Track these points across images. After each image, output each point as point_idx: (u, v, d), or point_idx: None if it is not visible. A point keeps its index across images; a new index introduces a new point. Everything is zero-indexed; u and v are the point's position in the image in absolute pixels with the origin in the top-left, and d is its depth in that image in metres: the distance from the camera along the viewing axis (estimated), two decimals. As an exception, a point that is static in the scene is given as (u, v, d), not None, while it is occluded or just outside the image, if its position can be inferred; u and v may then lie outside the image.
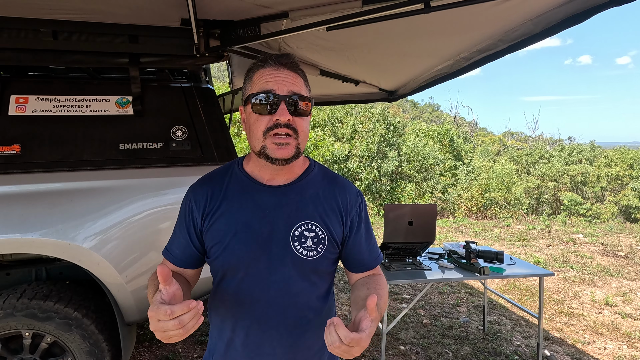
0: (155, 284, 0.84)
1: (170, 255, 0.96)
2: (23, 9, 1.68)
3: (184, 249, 0.94)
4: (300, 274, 0.89)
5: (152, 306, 0.68)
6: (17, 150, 1.81)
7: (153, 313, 0.67)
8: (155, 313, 0.67)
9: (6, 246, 1.73)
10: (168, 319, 0.66)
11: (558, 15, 1.84)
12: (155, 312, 0.67)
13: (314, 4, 1.74)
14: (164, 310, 0.66)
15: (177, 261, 0.95)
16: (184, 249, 0.94)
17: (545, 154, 17.64)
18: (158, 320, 0.67)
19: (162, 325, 0.66)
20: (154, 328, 0.68)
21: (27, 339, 1.83)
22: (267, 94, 0.84)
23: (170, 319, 0.66)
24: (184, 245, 0.94)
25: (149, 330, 3.09)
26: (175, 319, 0.66)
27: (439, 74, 2.94)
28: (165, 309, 0.66)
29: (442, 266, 2.71)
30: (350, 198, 0.96)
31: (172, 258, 0.96)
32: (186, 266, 0.96)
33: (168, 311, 0.65)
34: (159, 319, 0.66)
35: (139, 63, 1.92)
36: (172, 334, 0.67)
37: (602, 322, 3.62)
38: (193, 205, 0.93)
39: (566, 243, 6.71)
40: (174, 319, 0.66)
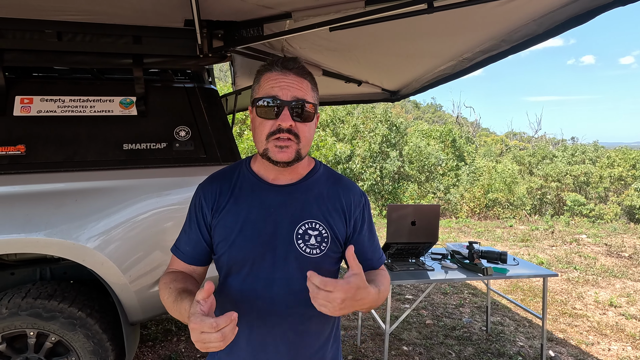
0: (173, 288, 0.87)
1: (181, 252, 0.97)
2: (28, 11, 1.69)
3: (195, 246, 0.96)
4: (303, 272, 0.90)
5: (195, 318, 0.69)
6: (22, 150, 1.82)
7: (197, 325, 0.68)
8: (199, 325, 0.68)
9: (11, 246, 1.74)
10: (213, 331, 0.68)
11: (562, 16, 1.83)
12: (200, 325, 0.68)
13: (317, 5, 1.74)
14: (210, 324, 0.67)
15: (187, 258, 0.96)
16: (195, 245, 0.96)
17: (548, 154, 17.57)
18: (201, 332, 0.68)
19: (205, 337, 0.68)
20: (196, 339, 0.69)
21: (32, 338, 1.83)
22: (271, 99, 0.86)
23: (214, 332, 0.68)
24: (196, 241, 0.95)
25: (152, 329, 3.10)
26: (218, 331, 0.68)
27: (441, 75, 2.93)
28: (211, 322, 0.67)
29: (445, 267, 2.70)
30: (354, 199, 0.98)
31: (182, 256, 0.97)
32: (197, 263, 0.97)
33: (214, 324, 0.67)
34: (202, 331, 0.68)
35: (142, 64, 1.93)
36: (213, 345, 0.69)
37: (606, 323, 3.61)
38: (203, 202, 0.95)
39: (569, 244, 6.68)
40: (217, 332, 0.68)
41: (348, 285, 0.73)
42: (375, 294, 0.82)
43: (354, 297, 0.74)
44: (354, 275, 0.75)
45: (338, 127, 13.28)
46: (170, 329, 3.13)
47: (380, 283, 0.90)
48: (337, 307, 0.73)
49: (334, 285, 0.72)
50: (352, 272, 0.75)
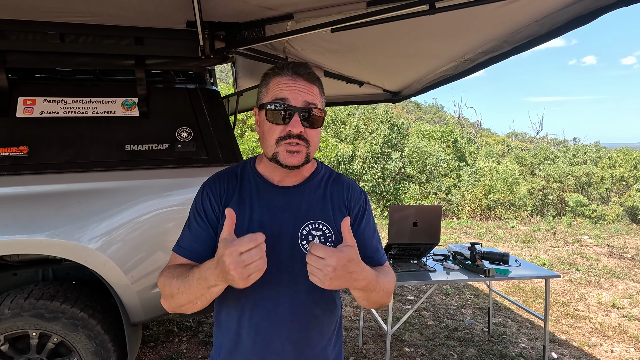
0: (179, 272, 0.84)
1: (185, 250, 0.93)
2: (30, 12, 1.70)
3: (204, 242, 0.92)
4: (307, 273, 0.90)
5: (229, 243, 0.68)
6: (24, 151, 1.82)
7: (234, 247, 0.67)
8: (237, 246, 0.67)
9: (13, 247, 1.74)
10: (254, 245, 0.67)
11: (564, 17, 1.83)
12: (238, 244, 0.67)
13: (318, 6, 1.74)
14: (249, 238, 0.67)
15: (193, 255, 0.92)
16: (203, 241, 0.92)
17: (549, 155, 17.53)
18: (240, 253, 0.67)
19: (246, 257, 0.67)
20: (235, 264, 0.67)
21: (34, 339, 1.84)
22: (282, 104, 0.85)
23: (255, 245, 0.67)
24: (204, 237, 0.92)
25: (154, 330, 3.10)
26: (258, 246, 0.67)
27: (443, 75, 2.93)
28: (250, 236, 0.67)
29: (447, 267, 2.70)
30: (354, 195, 0.99)
31: (187, 253, 0.92)
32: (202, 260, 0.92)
33: (253, 237, 0.67)
34: (240, 251, 0.67)
35: (144, 65, 1.93)
36: (255, 265, 0.68)
37: (609, 324, 3.59)
38: (211, 197, 0.93)
39: (572, 245, 6.66)
40: (257, 246, 0.67)
41: (340, 254, 0.73)
42: (372, 274, 0.83)
43: (345, 267, 0.74)
44: (347, 247, 0.76)
45: (339, 128, 13.28)
46: (172, 330, 3.13)
47: (382, 272, 0.90)
48: (328, 275, 0.72)
49: (325, 251, 0.72)
50: (345, 243, 0.76)
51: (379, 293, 0.87)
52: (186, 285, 0.80)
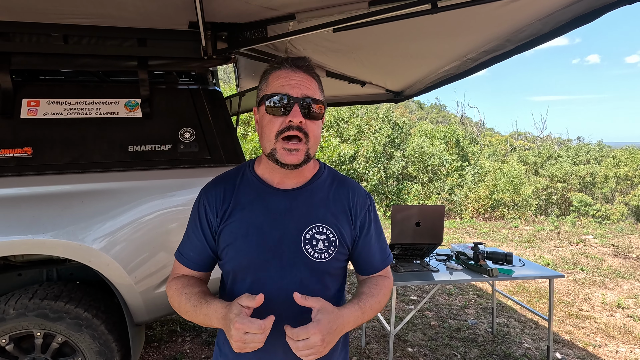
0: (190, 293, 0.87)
1: (184, 258, 0.96)
2: (34, 14, 1.71)
3: (200, 252, 0.94)
4: (312, 277, 0.90)
5: (241, 319, 0.73)
6: (28, 152, 1.84)
7: (244, 326, 0.72)
8: (246, 326, 0.72)
9: (18, 247, 1.75)
10: (259, 332, 0.72)
11: (567, 15, 1.82)
12: (247, 326, 0.72)
13: (320, 6, 1.74)
14: (259, 325, 0.72)
15: (191, 264, 0.95)
16: (199, 251, 0.94)
17: (553, 154, 17.44)
18: (245, 332, 0.72)
19: (249, 338, 0.72)
20: (238, 339, 0.72)
21: (39, 339, 1.85)
22: (282, 95, 0.85)
23: (260, 333, 0.72)
24: (200, 248, 0.94)
25: (157, 330, 3.11)
26: (264, 332, 0.72)
27: (445, 75, 2.92)
28: (260, 324, 0.72)
29: (450, 267, 2.69)
30: (360, 200, 0.97)
31: (186, 261, 0.96)
32: (200, 269, 0.96)
33: (262, 325, 0.72)
34: (246, 332, 0.72)
35: (147, 66, 1.94)
36: (253, 345, 0.73)
37: (614, 324, 3.57)
38: (207, 207, 0.93)
39: (576, 244, 6.62)
40: (263, 333, 0.72)
41: (320, 325, 0.75)
42: (355, 313, 0.84)
43: (330, 331, 0.76)
44: (319, 311, 0.78)
45: (342, 128, 13.27)
46: (175, 330, 3.14)
47: (369, 296, 0.90)
48: (322, 347, 0.75)
49: (306, 331, 0.74)
50: (315, 309, 0.78)
51: (369, 316, 0.89)
52: (193, 312, 0.86)
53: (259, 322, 0.72)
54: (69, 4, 1.62)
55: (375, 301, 0.90)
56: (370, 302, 0.89)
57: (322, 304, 0.79)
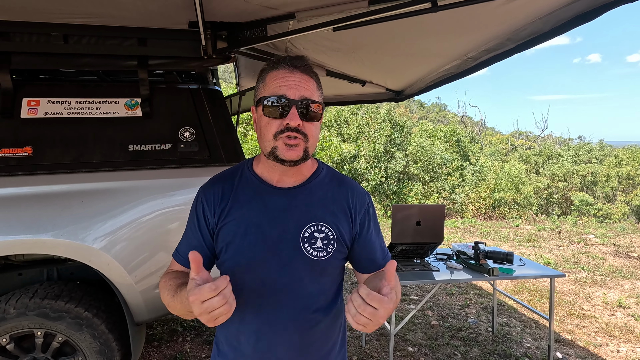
0: (172, 284, 0.85)
1: (181, 257, 0.96)
2: (34, 14, 1.71)
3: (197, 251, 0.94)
4: (310, 276, 0.89)
5: (192, 291, 0.67)
6: (29, 152, 1.84)
7: (196, 296, 0.66)
8: (198, 295, 0.66)
9: (18, 247, 1.75)
10: (214, 294, 0.66)
11: (568, 14, 1.81)
12: (199, 294, 0.66)
13: (320, 5, 1.74)
14: (209, 287, 0.66)
15: (187, 263, 0.94)
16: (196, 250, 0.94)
17: (554, 154, 17.40)
18: (202, 301, 0.66)
19: (208, 305, 0.66)
20: (199, 311, 0.67)
21: (39, 338, 1.85)
22: (279, 97, 0.84)
23: (216, 294, 0.66)
24: (197, 246, 0.93)
25: (158, 330, 3.12)
26: (220, 293, 0.66)
27: (446, 74, 2.92)
28: (210, 285, 0.66)
29: (451, 267, 2.69)
30: (359, 198, 0.96)
31: (182, 260, 0.95)
32: None
33: (212, 286, 0.66)
34: (203, 300, 0.66)
35: (147, 65, 1.94)
36: (218, 312, 0.67)
37: (615, 324, 3.56)
38: (205, 205, 0.93)
39: (577, 244, 6.61)
40: (219, 294, 0.66)
41: (389, 305, 0.68)
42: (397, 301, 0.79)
43: (388, 314, 0.70)
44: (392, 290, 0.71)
45: (342, 127, 13.27)
46: (176, 329, 3.15)
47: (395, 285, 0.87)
48: (375, 324, 0.69)
49: (380, 302, 0.67)
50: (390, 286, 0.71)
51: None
52: (172, 302, 0.83)
53: (209, 283, 0.66)
54: (69, 3, 1.62)
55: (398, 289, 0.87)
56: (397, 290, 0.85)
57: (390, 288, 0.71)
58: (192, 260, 0.70)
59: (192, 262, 0.70)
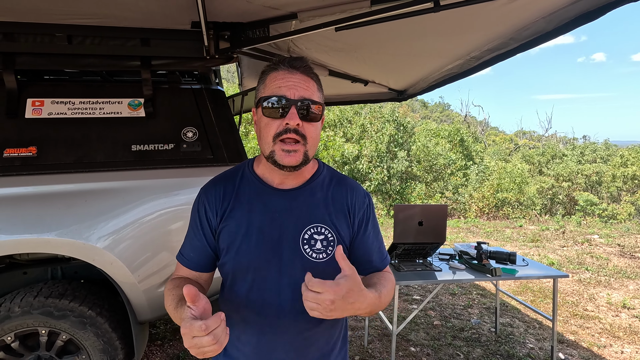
0: (175, 294, 0.85)
1: (185, 259, 0.96)
2: (39, 15, 1.72)
3: (200, 252, 0.94)
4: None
5: (184, 323, 0.67)
6: (33, 152, 1.85)
7: (187, 330, 0.66)
8: (189, 330, 0.66)
9: (23, 246, 1.77)
10: (203, 334, 0.66)
11: (572, 13, 1.80)
12: (189, 329, 0.66)
13: (322, 5, 1.74)
14: (199, 326, 0.65)
15: (192, 265, 0.95)
16: (199, 251, 0.94)
17: (558, 153, 17.29)
18: (192, 337, 0.66)
19: (197, 342, 0.66)
20: (189, 345, 0.67)
21: (44, 337, 1.87)
22: (279, 98, 0.84)
23: (205, 335, 0.66)
24: (200, 247, 0.94)
25: (160, 329, 3.13)
26: (209, 334, 0.66)
27: (449, 74, 2.91)
28: (200, 325, 0.65)
29: (453, 267, 2.68)
30: (358, 199, 0.96)
31: (186, 262, 0.96)
32: (201, 269, 0.96)
33: (203, 326, 0.65)
34: (193, 336, 0.66)
35: (150, 65, 1.95)
36: (207, 349, 0.67)
37: (619, 325, 3.54)
38: (206, 206, 0.93)
39: (581, 244, 6.57)
40: (208, 335, 0.66)
41: (337, 287, 0.71)
42: (374, 297, 0.81)
43: (345, 299, 0.72)
44: (345, 277, 0.74)
45: (345, 127, 13.26)
46: (179, 329, 3.16)
47: (382, 286, 0.88)
48: (327, 309, 0.71)
49: (322, 285, 0.70)
50: (343, 273, 0.74)
51: (382, 307, 0.86)
52: (174, 314, 0.83)
53: (199, 323, 0.65)
54: (72, 4, 1.63)
55: (387, 293, 0.88)
56: (384, 292, 0.87)
57: (352, 274, 0.75)
58: (186, 294, 0.69)
59: (187, 295, 0.69)
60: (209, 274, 0.98)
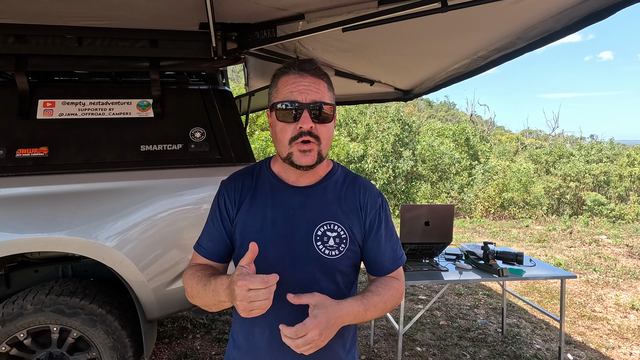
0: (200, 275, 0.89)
1: (203, 249, 0.99)
2: (50, 17, 1.75)
3: (218, 242, 0.98)
4: (323, 273, 0.91)
5: (241, 277, 0.71)
6: (44, 152, 1.88)
7: (245, 282, 0.70)
8: (248, 282, 0.70)
9: (35, 244, 1.80)
10: (263, 287, 0.70)
11: (580, 12, 1.79)
12: (249, 281, 0.70)
13: (329, 6, 1.75)
14: (261, 279, 0.70)
15: (209, 254, 0.98)
16: (217, 241, 0.98)
17: (565, 153, 17.10)
18: (248, 289, 0.70)
19: (253, 294, 0.70)
20: (242, 297, 0.71)
21: (55, 334, 1.90)
22: (290, 102, 0.87)
23: (264, 287, 0.70)
24: (218, 237, 0.97)
25: (168, 327, 3.16)
26: (267, 288, 0.71)
27: (455, 73, 2.90)
28: (262, 277, 0.70)
29: (460, 267, 2.67)
30: (371, 199, 0.98)
31: (204, 252, 0.99)
32: (218, 259, 0.99)
33: (265, 279, 0.70)
34: (250, 288, 0.70)
35: (159, 66, 1.97)
36: (258, 304, 0.71)
37: (628, 326, 3.50)
38: (226, 198, 0.97)
39: (589, 244, 6.51)
40: (267, 288, 0.71)
41: (317, 320, 0.76)
42: (357, 307, 0.85)
43: (328, 325, 0.77)
44: (316, 307, 0.78)
45: (350, 126, 13.25)
46: (186, 327, 3.19)
47: (376, 294, 0.90)
48: (320, 341, 0.76)
49: (303, 328, 0.75)
50: (311, 305, 0.79)
51: (373, 314, 0.89)
52: (203, 292, 0.86)
53: (261, 276, 0.71)
54: (83, 6, 1.66)
55: (380, 300, 0.90)
56: (375, 300, 0.89)
57: (318, 299, 0.80)
58: (251, 249, 0.75)
59: (251, 251, 0.75)
60: (223, 265, 1.01)
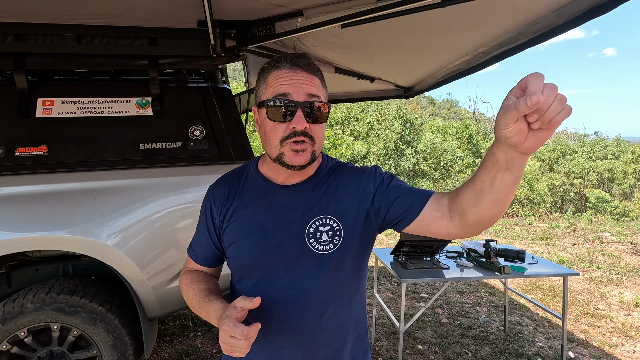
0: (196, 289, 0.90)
1: (194, 253, 0.99)
2: (48, 16, 1.75)
3: (205, 248, 0.97)
4: (317, 271, 0.87)
5: (228, 321, 0.72)
6: (44, 151, 1.88)
7: (229, 329, 0.71)
8: (231, 330, 0.71)
9: (35, 243, 1.80)
10: (243, 338, 0.70)
11: (582, 6, 1.77)
12: (232, 330, 0.71)
13: (328, 2, 1.73)
14: (242, 331, 0.70)
15: (199, 259, 0.98)
16: (204, 247, 0.97)
17: (568, 150, 17.01)
18: (230, 336, 0.71)
19: (234, 342, 0.71)
20: (224, 341, 0.72)
21: (56, 332, 1.91)
22: (283, 99, 0.80)
23: (244, 339, 0.70)
24: (205, 244, 0.96)
25: (169, 325, 3.17)
26: (247, 339, 0.71)
27: (456, 70, 2.88)
28: (243, 330, 0.70)
29: (461, 265, 2.66)
30: (364, 175, 0.91)
31: (194, 256, 0.99)
32: (207, 264, 0.99)
33: (245, 332, 0.70)
34: (231, 335, 0.71)
35: (157, 64, 1.96)
36: (238, 350, 0.72)
37: (632, 324, 3.48)
38: (212, 205, 0.95)
39: (592, 242, 6.47)
40: (246, 340, 0.71)
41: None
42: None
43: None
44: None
45: (352, 124, 13.23)
46: (187, 325, 3.20)
47: None
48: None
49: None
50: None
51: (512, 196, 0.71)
52: (197, 308, 0.88)
53: (243, 327, 0.70)
54: (81, 5, 1.65)
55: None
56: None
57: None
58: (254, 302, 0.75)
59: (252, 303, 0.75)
60: (215, 268, 1.01)
